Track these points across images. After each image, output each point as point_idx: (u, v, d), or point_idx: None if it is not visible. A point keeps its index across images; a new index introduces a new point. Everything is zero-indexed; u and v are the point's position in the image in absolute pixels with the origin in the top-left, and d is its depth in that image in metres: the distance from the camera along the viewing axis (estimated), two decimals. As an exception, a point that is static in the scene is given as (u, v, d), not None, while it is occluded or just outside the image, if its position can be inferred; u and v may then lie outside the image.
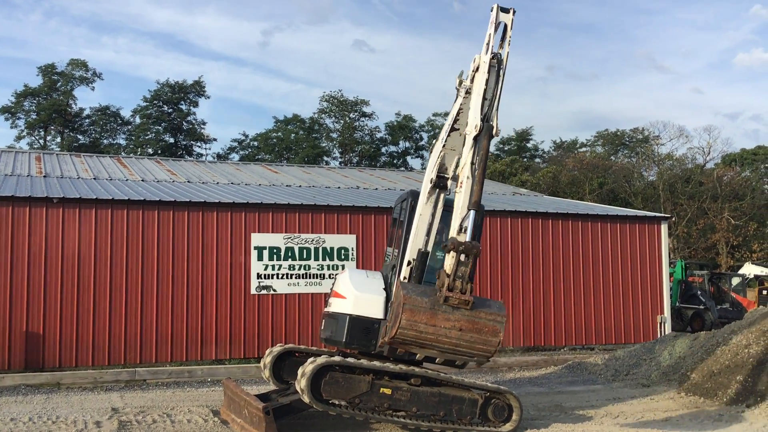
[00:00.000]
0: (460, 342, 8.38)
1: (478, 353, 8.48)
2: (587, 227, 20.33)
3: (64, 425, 10.48)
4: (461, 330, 8.32)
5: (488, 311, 8.39)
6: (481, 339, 8.30)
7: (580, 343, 19.86)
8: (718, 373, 13.20)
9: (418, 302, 8.43)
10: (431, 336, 8.42)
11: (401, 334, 8.50)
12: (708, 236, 50.77)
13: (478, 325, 8.28)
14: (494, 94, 9.51)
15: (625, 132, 64.97)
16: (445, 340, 8.43)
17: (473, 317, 8.32)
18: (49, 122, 58.68)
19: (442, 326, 8.36)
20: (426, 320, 8.37)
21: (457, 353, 8.60)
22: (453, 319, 8.35)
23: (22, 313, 14.94)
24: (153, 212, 16.16)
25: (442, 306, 8.37)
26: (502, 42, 9.86)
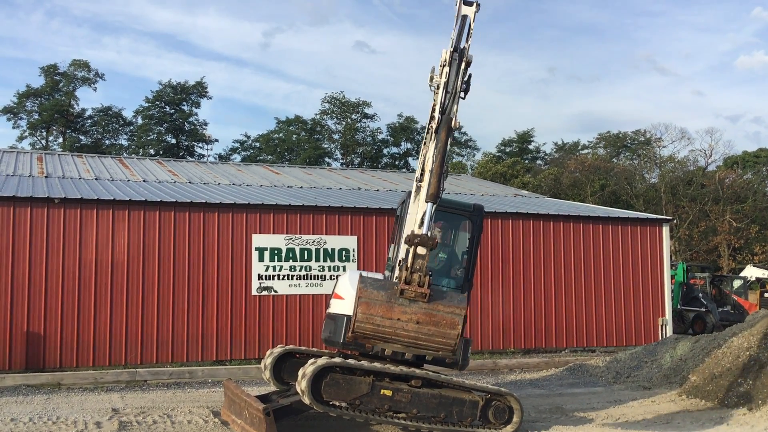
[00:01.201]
0: (419, 335, 8.35)
1: (438, 346, 8.41)
2: (589, 229, 20.31)
3: (65, 426, 10.47)
4: (418, 323, 8.29)
5: (446, 304, 8.31)
6: (439, 332, 8.25)
7: (581, 345, 19.85)
8: (720, 376, 13.18)
9: (374, 295, 8.48)
10: (389, 329, 8.45)
11: (358, 327, 8.59)
12: (709, 239, 50.76)
13: (436, 318, 8.23)
14: (455, 88, 9.36)
15: (627, 134, 65.01)
16: (403, 334, 8.42)
17: (431, 310, 8.27)
18: (51, 123, 58.78)
19: (398, 319, 8.37)
20: (382, 313, 8.40)
21: (419, 347, 8.56)
22: (410, 312, 8.33)
23: (23, 313, 14.94)
24: (154, 213, 16.16)
25: (398, 299, 8.37)
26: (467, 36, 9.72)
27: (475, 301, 17.90)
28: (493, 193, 26.92)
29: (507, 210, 19.89)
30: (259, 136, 64.46)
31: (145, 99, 62.61)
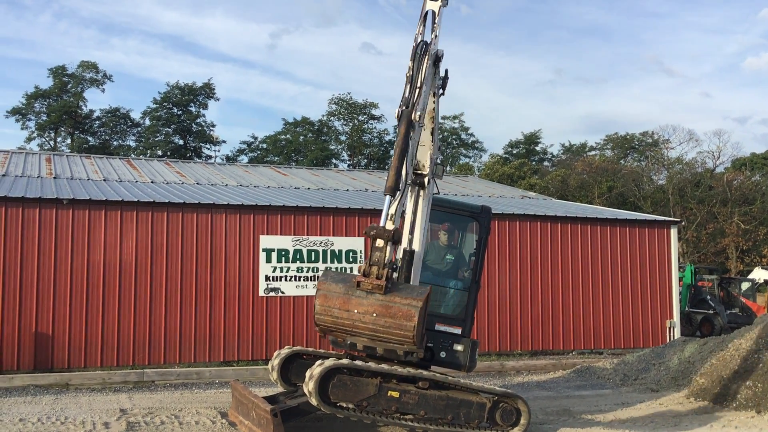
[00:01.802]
0: (377, 327, 8.30)
1: (397, 339, 8.34)
2: (596, 231, 20.28)
3: (73, 426, 10.51)
4: (375, 315, 8.24)
5: (403, 296, 8.24)
6: (396, 324, 8.18)
7: (589, 347, 19.81)
8: (728, 379, 13.13)
9: (332, 288, 8.48)
10: (347, 322, 8.43)
11: (318, 320, 8.63)
12: (717, 241, 50.58)
13: (392, 310, 8.16)
14: (416, 82, 9.28)
15: (635, 136, 64.85)
16: (361, 326, 8.38)
17: (387, 302, 8.21)
18: (60, 124, 59.01)
19: (355, 311, 8.33)
20: (339, 305, 8.39)
21: (380, 339, 8.52)
22: (366, 304, 8.28)
23: (32, 313, 15.00)
24: (162, 214, 16.21)
25: (356, 291, 8.34)
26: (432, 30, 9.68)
27: (482, 303, 17.87)
28: (500, 195, 26.90)
29: (514, 211, 19.87)
30: (266, 137, 64.56)
31: (152, 100, 62.88)
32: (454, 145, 69.77)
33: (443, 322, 10.63)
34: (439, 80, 9.91)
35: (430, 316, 10.54)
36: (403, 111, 9.05)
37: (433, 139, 10.25)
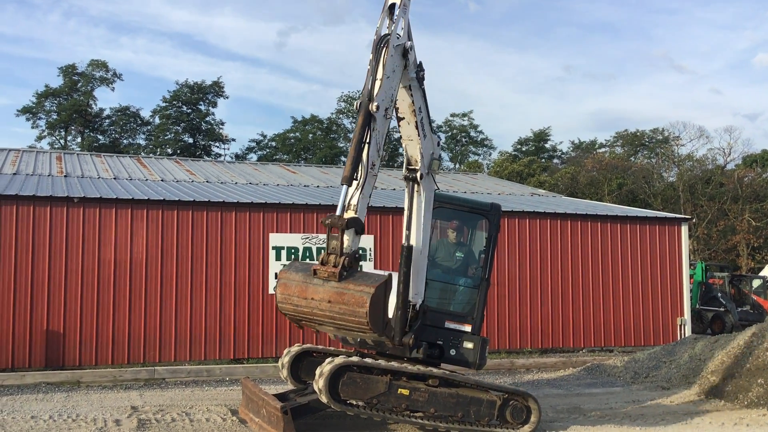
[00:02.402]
0: (333, 314, 8.35)
1: (353, 325, 8.38)
2: (606, 228, 20.21)
3: (84, 423, 10.56)
4: (330, 302, 8.29)
5: (356, 283, 8.26)
6: (349, 310, 8.21)
7: (599, 345, 19.75)
8: (739, 376, 13.08)
9: (291, 277, 8.65)
10: (306, 309, 8.53)
11: (280, 308, 8.82)
12: (728, 238, 50.32)
13: (345, 297, 8.20)
14: (375, 73, 9.23)
15: (645, 132, 64.56)
16: (319, 313, 8.45)
17: (341, 289, 8.25)
18: (70, 122, 59.21)
19: (312, 299, 8.41)
20: (298, 293, 8.51)
21: (340, 326, 8.57)
22: (322, 291, 8.35)
23: (43, 311, 15.08)
24: (172, 212, 16.26)
25: (313, 279, 8.43)
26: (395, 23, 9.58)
27: (491, 301, 17.86)
28: (510, 192, 26.84)
29: (524, 209, 19.83)
30: (276, 135, 64.62)
31: (162, 99, 63.05)
32: (464, 143, 69.67)
33: (453, 319, 10.62)
34: (412, 73, 9.83)
35: (440, 314, 10.57)
36: (362, 102, 9.06)
37: (421, 134, 10.13)
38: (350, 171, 8.69)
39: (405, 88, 9.86)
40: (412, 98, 9.90)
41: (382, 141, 9.20)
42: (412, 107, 9.95)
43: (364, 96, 9.08)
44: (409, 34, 9.87)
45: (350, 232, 8.62)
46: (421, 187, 10.21)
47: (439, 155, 10.51)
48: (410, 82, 9.82)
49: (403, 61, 9.54)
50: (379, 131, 9.15)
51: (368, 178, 9.02)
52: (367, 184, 9.02)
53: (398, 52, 9.42)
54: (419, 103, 10.06)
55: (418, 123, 10.00)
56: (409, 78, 9.77)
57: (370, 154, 8.98)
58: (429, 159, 10.31)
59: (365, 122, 8.92)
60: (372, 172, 9.07)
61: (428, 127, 10.32)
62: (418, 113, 10.05)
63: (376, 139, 9.09)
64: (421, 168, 10.17)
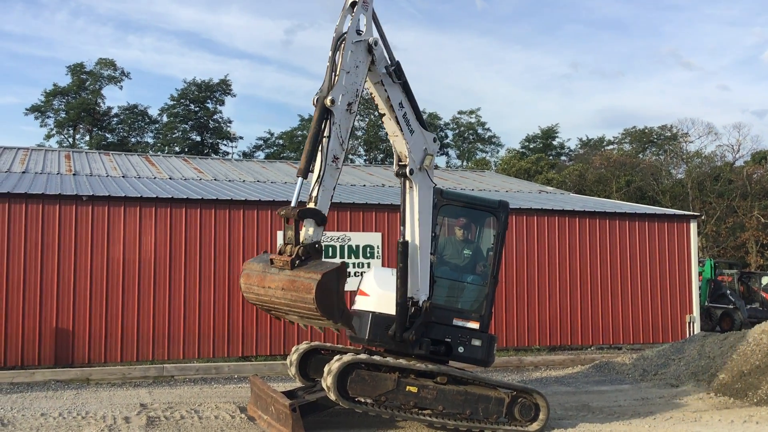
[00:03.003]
0: (288, 302, 8.48)
1: (305, 312, 8.49)
2: (614, 225, 20.15)
3: (94, 420, 10.60)
4: (283, 289, 8.43)
5: (306, 270, 8.37)
6: (299, 297, 8.30)
7: (608, 343, 19.71)
8: (749, 374, 13.03)
9: (252, 267, 8.91)
10: (266, 298, 8.70)
11: (246, 297, 9.13)
12: (737, 235, 50.10)
13: (296, 284, 8.32)
14: (332, 69, 9.28)
15: (653, 129, 64.31)
16: (276, 301, 8.61)
17: (293, 276, 8.38)
18: (78, 121, 59.40)
19: (269, 287, 8.58)
20: (257, 282, 8.72)
21: (299, 314, 8.71)
22: (277, 279, 8.50)
23: (53, 309, 15.14)
24: (181, 210, 16.30)
25: (270, 269, 8.63)
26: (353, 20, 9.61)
27: (500, 298, 17.84)
28: (518, 190, 26.80)
29: (532, 206, 19.80)
30: (283, 133, 64.64)
31: (170, 97, 63.07)
32: (471, 140, 69.58)
33: (461, 317, 10.61)
34: (382, 69, 9.83)
35: (448, 311, 10.56)
36: (318, 97, 9.14)
37: (405, 129, 10.10)
38: (305, 164, 8.86)
39: (378, 84, 9.91)
40: (387, 94, 9.92)
41: (345, 135, 9.30)
42: (389, 102, 9.96)
43: (322, 91, 9.19)
44: (381, 29, 9.94)
45: (309, 223, 8.75)
46: (413, 182, 10.20)
47: (434, 151, 10.46)
48: (382, 78, 9.84)
49: (368, 57, 9.58)
50: (341, 125, 9.23)
51: (329, 171, 9.13)
52: (329, 177, 9.14)
53: (360, 47, 9.48)
54: (398, 98, 10.04)
55: (399, 119, 10.00)
56: (380, 73, 9.80)
57: (331, 147, 9.07)
58: (420, 154, 10.27)
59: (321, 116, 9.02)
60: (335, 165, 9.19)
61: (416, 123, 10.26)
62: (399, 108, 10.04)
63: (338, 133, 9.17)
64: (410, 163, 10.17)
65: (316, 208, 8.90)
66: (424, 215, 10.22)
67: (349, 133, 9.39)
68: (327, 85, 9.18)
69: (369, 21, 9.72)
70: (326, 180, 9.08)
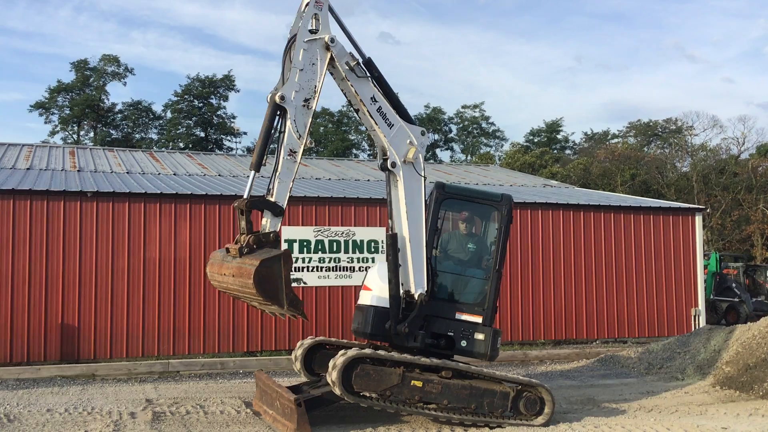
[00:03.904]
0: (237, 287, 8.91)
1: (250, 296, 8.87)
2: (620, 219, 20.12)
3: (99, 416, 10.63)
4: (233, 276, 8.84)
5: (250, 257, 8.74)
6: (243, 282, 8.67)
7: (613, 336, 19.69)
8: (754, 367, 13.01)
9: (216, 256, 9.48)
10: (225, 284, 9.21)
11: (212, 284, 9.74)
12: (743, 228, 49.97)
13: (242, 270, 8.69)
14: (283, 67, 9.66)
15: (658, 122, 64.14)
16: (231, 288, 9.07)
17: (240, 264, 8.77)
18: (83, 117, 59.50)
19: (224, 274, 9.04)
20: (217, 270, 9.25)
21: (248, 298, 9.11)
22: (229, 267, 8.94)
23: (58, 305, 15.18)
24: (185, 205, 16.30)
25: (226, 257, 9.10)
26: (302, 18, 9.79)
27: (504, 292, 17.82)
28: (522, 184, 26.76)
29: (536, 200, 19.76)
30: (287, 128, 64.54)
31: (173, 93, 63.19)
32: (475, 135, 69.50)
33: (464, 311, 10.60)
34: (344, 66, 9.87)
35: (451, 304, 10.56)
36: (271, 94, 9.45)
37: (381, 123, 10.14)
38: (256, 158, 9.35)
39: (343, 81, 10.03)
40: (353, 89, 9.98)
41: (303, 129, 9.57)
42: (359, 98, 10.02)
43: (276, 89, 9.50)
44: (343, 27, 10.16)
45: (266, 214, 9.27)
46: (397, 176, 10.22)
47: (423, 144, 10.45)
48: (345, 74, 9.90)
49: (326, 53, 9.75)
50: (296, 120, 9.51)
51: (286, 165, 9.45)
52: (285, 170, 9.45)
53: (316, 46, 9.67)
54: (368, 93, 10.10)
55: (372, 113, 10.08)
56: (342, 70, 9.85)
57: (288, 142, 9.41)
58: (404, 148, 10.28)
59: (272, 112, 9.39)
60: (292, 159, 9.49)
61: (395, 116, 10.28)
62: (372, 103, 10.10)
63: (293, 128, 9.47)
64: (392, 157, 10.21)
65: (270, 200, 9.33)
66: (413, 208, 10.23)
67: (307, 128, 9.64)
68: (280, 83, 9.55)
69: (324, 19, 9.88)
70: (283, 173, 9.43)
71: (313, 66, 9.65)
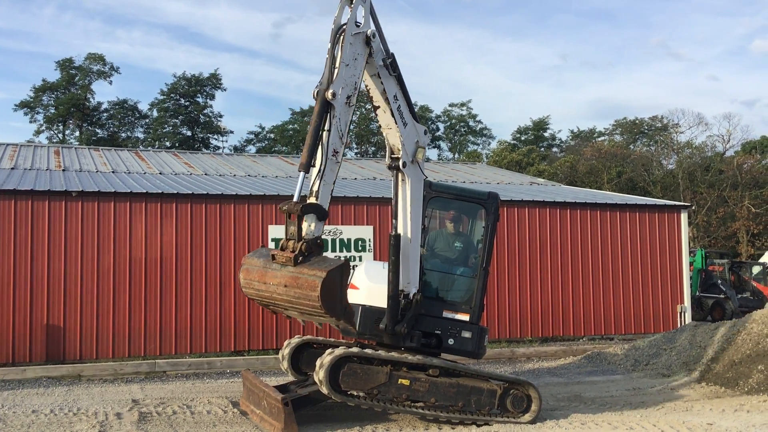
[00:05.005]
0: (290, 298, 8.48)
1: (309, 309, 8.50)
2: (606, 216, 20.20)
3: (86, 417, 10.57)
4: (286, 286, 8.43)
5: (310, 267, 8.36)
6: (303, 294, 8.31)
7: (599, 333, 19.77)
8: (739, 363, 13.09)
9: (253, 262, 8.92)
10: (266, 294, 8.71)
11: (245, 293, 9.15)
12: (728, 225, 50.33)
13: (300, 281, 8.32)
14: (332, 61, 9.20)
15: (644, 120, 64.45)
16: (278, 297, 8.60)
17: (296, 273, 8.37)
18: (68, 116, 59.08)
19: (271, 283, 8.58)
20: (258, 278, 8.74)
21: (299, 310, 8.71)
22: (279, 276, 8.50)
23: (43, 306, 15.08)
24: (171, 205, 16.23)
25: (271, 265, 8.61)
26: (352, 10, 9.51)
27: (492, 290, 17.86)
28: (509, 182, 26.81)
29: (523, 198, 19.81)
30: (274, 127, 64.44)
31: (159, 92, 62.79)
32: (462, 133, 69.59)
33: (451, 309, 10.60)
34: (379, 61, 9.80)
35: (438, 303, 10.56)
36: (318, 90, 9.07)
37: (399, 122, 10.09)
38: (306, 158, 8.76)
39: (374, 77, 9.87)
40: (383, 86, 9.89)
41: (345, 128, 9.25)
42: (385, 95, 9.94)
43: (322, 84, 9.11)
44: (377, 22, 9.86)
45: (310, 218, 8.70)
46: (406, 175, 10.20)
47: (425, 143, 10.47)
48: (378, 70, 9.81)
49: (366, 49, 9.54)
50: (341, 118, 9.17)
51: (330, 165, 9.05)
52: (329, 171, 9.05)
53: (359, 39, 9.42)
54: (393, 90, 10.03)
55: (394, 111, 9.99)
56: (377, 66, 9.77)
57: (332, 141, 9.01)
58: (413, 147, 10.27)
59: (322, 110, 8.96)
60: (335, 159, 9.11)
61: (409, 115, 10.27)
62: (394, 101, 10.03)
63: (338, 127, 9.11)
64: (404, 156, 10.15)
65: (318, 203, 8.84)
66: (415, 208, 10.23)
67: (348, 127, 9.34)
68: (327, 78, 9.09)
69: (367, 13, 9.65)
70: (327, 174, 9.00)
71: (355, 61, 9.35)
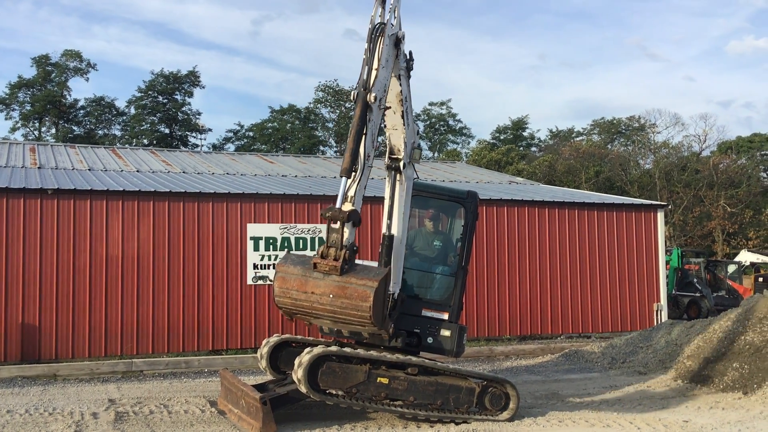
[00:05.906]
0: (334, 308, 8.33)
1: (355, 319, 8.38)
2: (583, 216, 20.31)
3: (61, 417, 10.46)
4: (331, 296, 8.26)
5: (359, 276, 8.24)
6: (351, 304, 8.20)
7: (577, 332, 19.89)
8: (715, 361, 13.23)
9: (290, 270, 8.55)
10: (306, 303, 8.47)
11: (278, 302, 8.75)
12: (704, 224, 50.91)
13: (348, 291, 8.19)
14: (372, 63, 9.11)
15: (621, 120, 65.01)
16: (319, 307, 8.42)
17: (343, 283, 8.23)
18: (44, 113, 58.51)
19: (312, 292, 8.37)
20: (297, 287, 8.45)
21: (339, 320, 8.57)
22: (323, 285, 8.32)
23: (18, 304, 14.89)
24: (148, 203, 16.10)
25: (313, 273, 8.38)
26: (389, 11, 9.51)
27: (470, 289, 17.90)
28: (488, 181, 26.90)
29: (502, 197, 19.89)
30: (253, 125, 64.31)
31: (137, 89, 62.41)
32: (442, 132, 69.77)
33: (430, 307, 10.62)
34: (403, 63, 9.80)
35: (417, 301, 10.58)
36: (359, 92, 8.95)
37: (406, 123, 10.14)
38: (349, 163, 8.60)
39: (395, 78, 9.83)
40: (400, 87, 9.87)
41: (376, 132, 9.14)
42: (400, 97, 9.93)
43: (360, 86, 8.96)
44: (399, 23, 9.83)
45: (349, 225, 8.54)
46: (403, 176, 10.21)
47: (418, 144, 10.52)
48: (400, 72, 9.79)
49: (395, 51, 9.52)
50: (375, 122, 9.06)
51: (365, 170, 8.95)
52: (364, 175, 8.94)
53: (392, 41, 9.36)
54: (406, 92, 10.07)
55: (404, 112, 9.99)
56: (400, 67, 9.75)
57: (367, 145, 8.91)
58: (410, 148, 10.32)
59: (363, 113, 8.81)
60: (367, 163, 9.01)
61: (411, 116, 10.34)
62: (405, 102, 10.06)
63: (372, 131, 8.99)
64: (404, 158, 10.17)
65: (357, 210, 8.72)
66: (408, 209, 10.30)
67: (377, 129, 9.18)
68: (366, 80, 8.96)
69: (399, 14, 9.56)
70: (362, 179, 8.90)
71: (387, 62, 9.25)
